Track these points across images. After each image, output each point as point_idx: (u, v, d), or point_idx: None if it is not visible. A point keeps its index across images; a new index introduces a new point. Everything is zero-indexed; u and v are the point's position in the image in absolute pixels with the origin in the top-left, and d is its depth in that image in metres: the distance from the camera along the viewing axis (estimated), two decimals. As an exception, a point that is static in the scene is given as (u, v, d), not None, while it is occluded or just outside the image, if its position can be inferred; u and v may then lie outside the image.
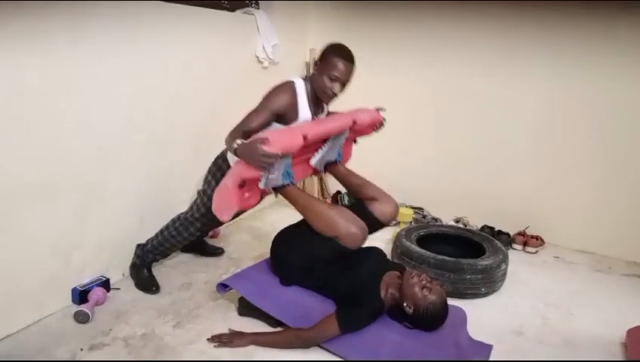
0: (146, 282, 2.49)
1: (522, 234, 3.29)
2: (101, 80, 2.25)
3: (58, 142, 2.11)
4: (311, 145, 2.26)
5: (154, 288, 2.47)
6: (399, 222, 3.48)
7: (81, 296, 2.26)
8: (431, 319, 2.00)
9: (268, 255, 2.36)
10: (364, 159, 3.82)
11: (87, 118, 2.21)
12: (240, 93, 2.03)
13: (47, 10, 1.95)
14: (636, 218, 3.10)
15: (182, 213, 2.46)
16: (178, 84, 2.71)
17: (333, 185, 3.88)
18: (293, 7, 3.62)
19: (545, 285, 2.77)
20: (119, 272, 2.56)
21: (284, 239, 2.28)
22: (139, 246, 2.54)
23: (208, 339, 2.07)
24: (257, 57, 3.32)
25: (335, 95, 2.16)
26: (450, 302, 2.12)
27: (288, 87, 2.15)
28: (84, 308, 2.16)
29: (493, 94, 3.36)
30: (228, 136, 2.02)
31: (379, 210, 2.23)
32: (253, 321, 2.23)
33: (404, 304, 2.00)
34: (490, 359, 2.03)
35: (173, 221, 2.46)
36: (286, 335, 2.05)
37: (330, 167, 2.41)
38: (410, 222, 3.48)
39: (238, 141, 1.91)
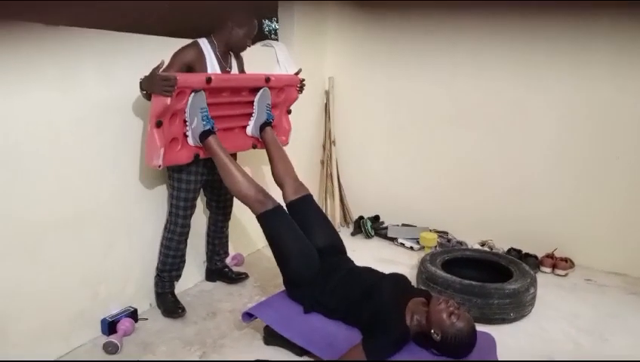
0: (171, 306, 2.51)
1: (550, 256, 3.22)
2: (130, 114, 2.33)
3: (87, 176, 2.18)
4: (236, 106, 2.55)
5: (180, 310, 2.49)
6: (423, 247, 3.45)
7: (110, 326, 2.29)
8: (459, 346, 1.97)
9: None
10: (386, 184, 3.85)
11: (115, 153, 2.29)
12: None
13: (75, 43, 2.05)
14: (669, 237, 3.01)
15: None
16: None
17: (356, 210, 3.89)
18: (311, 36, 3.70)
19: (576, 309, 2.69)
20: (146, 302, 2.59)
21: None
22: (156, 276, 2.58)
23: None
24: (277, 87, 3.38)
25: (249, 46, 2.53)
26: (478, 327, 2.08)
27: (193, 44, 2.38)
28: (113, 339, 2.19)
29: (514, 112, 3.33)
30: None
31: (285, 196, 2.49)
32: (279, 350, 2.22)
33: (432, 331, 1.97)
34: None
35: (164, 229, 2.53)
36: None
37: (264, 130, 2.61)
38: (435, 246, 3.44)
39: (142, 76, 2.12)
